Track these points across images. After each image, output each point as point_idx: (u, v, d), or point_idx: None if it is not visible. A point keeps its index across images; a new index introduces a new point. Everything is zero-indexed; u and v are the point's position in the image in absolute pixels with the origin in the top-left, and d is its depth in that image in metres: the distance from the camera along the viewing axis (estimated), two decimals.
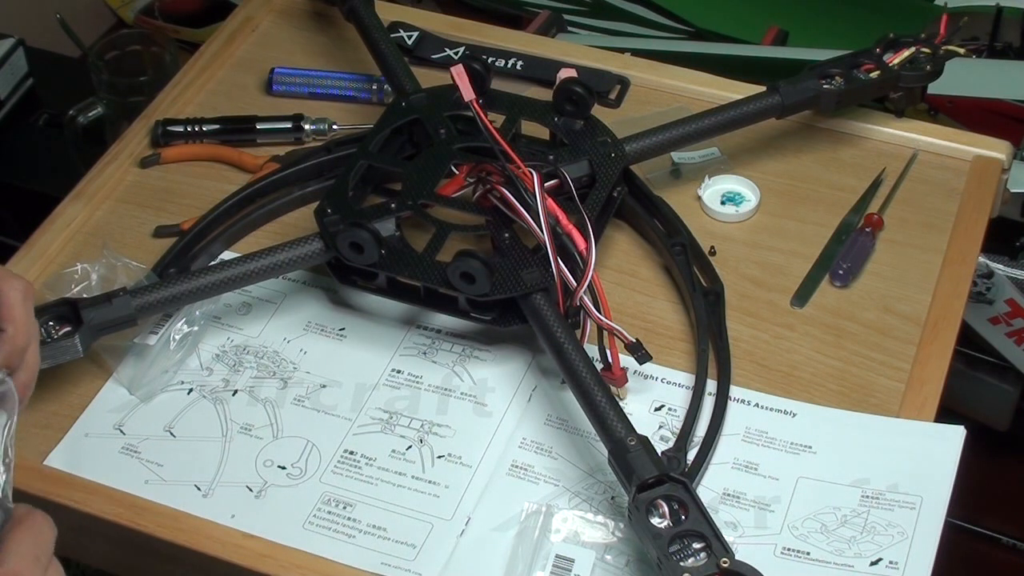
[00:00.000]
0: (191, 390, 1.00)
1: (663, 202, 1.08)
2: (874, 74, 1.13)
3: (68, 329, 0.95)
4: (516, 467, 0.95)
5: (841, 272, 1.06)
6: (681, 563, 0.82)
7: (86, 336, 0.95)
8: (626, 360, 0.96)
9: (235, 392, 1.00)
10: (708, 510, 0.84)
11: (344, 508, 0.92)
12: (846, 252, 1.07)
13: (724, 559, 0.82)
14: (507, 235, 0.99)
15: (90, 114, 1.54)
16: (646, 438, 0.88)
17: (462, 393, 0.99)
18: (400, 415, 0.98)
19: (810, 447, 0.95)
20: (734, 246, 1.09)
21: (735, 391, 0.98)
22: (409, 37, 1.27)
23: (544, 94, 1.12)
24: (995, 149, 1.15)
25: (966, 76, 1.56)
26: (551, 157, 1.03)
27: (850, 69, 1.13)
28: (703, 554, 0.83)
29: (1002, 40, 1.65)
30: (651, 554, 0.84)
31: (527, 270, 0.96)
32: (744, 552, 0.84)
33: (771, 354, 1.01)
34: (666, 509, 0.84)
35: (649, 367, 0.98)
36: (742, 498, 0.92)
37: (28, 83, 1.67)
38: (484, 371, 1.01)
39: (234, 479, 0.94)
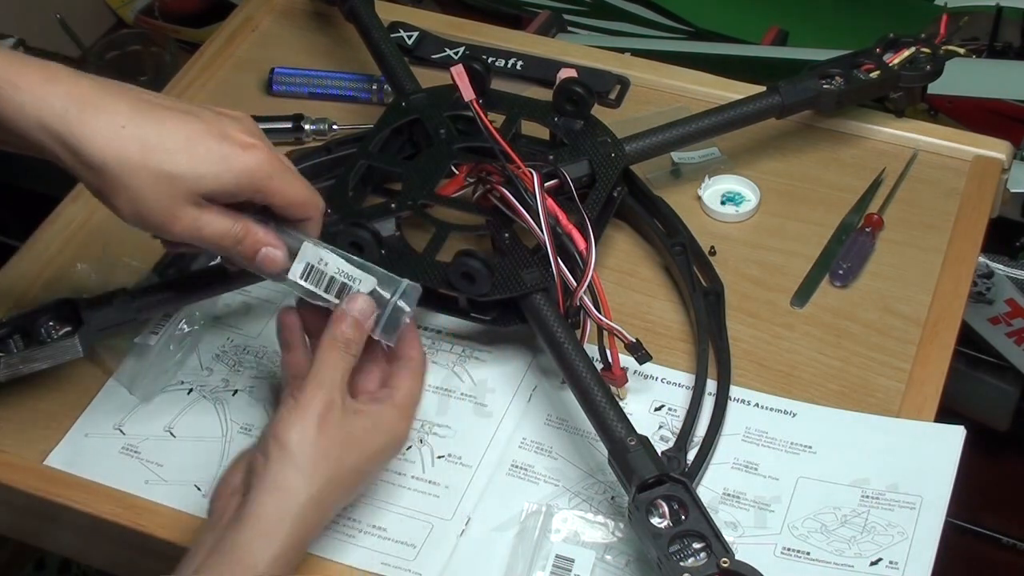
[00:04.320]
0: (191, 390, 1.00)
1: (663, 202, 1.08)
2: (874, 74, 1.13)
3: (68, 329, 0.94)
4: (516, 467, 0.95)
5: (841, 272, 1.06)
6: (681, 563, 0.82)
7: (86, 336, 0.95)
8: (626, 360, 0.96)
9: (235, 392, 1.00)
10: (708, 510, 0.84)
11: (344, 508, 0.92)
12: (846, 252, 1.07)
13: (724, 559, 0.82)
14: (507, 235, 0.99)
15: None
16: (646, 438, 0.88)
17: (462, 393, 0.99)
18: None
19: (810, 447, 0.95)
20: (734, 246, 1.09)
21: (735, 391, 0.98)
22: (409, 37, 1.27)
23: (544, 94, 1.12)
24: (995, 149, 1.15)
25: (966, 76, 1.56)
26: (551, 157, 1.03)
27: (850, 69, 1.13)
28: (703, 554, 0.83)
29: (1002, 40, 1.65)
30: (651, 554, 0.84)
31: (527, 270, 0.96)
32: (744, 552, 0.84)
33: (771, 354, 1.01)
34: (666, 509, 0.84)
35: (649, 367, 0.98)
36: (742, 498, 0.92)
37: None
38: (484, 371, 1.00)
39: None
